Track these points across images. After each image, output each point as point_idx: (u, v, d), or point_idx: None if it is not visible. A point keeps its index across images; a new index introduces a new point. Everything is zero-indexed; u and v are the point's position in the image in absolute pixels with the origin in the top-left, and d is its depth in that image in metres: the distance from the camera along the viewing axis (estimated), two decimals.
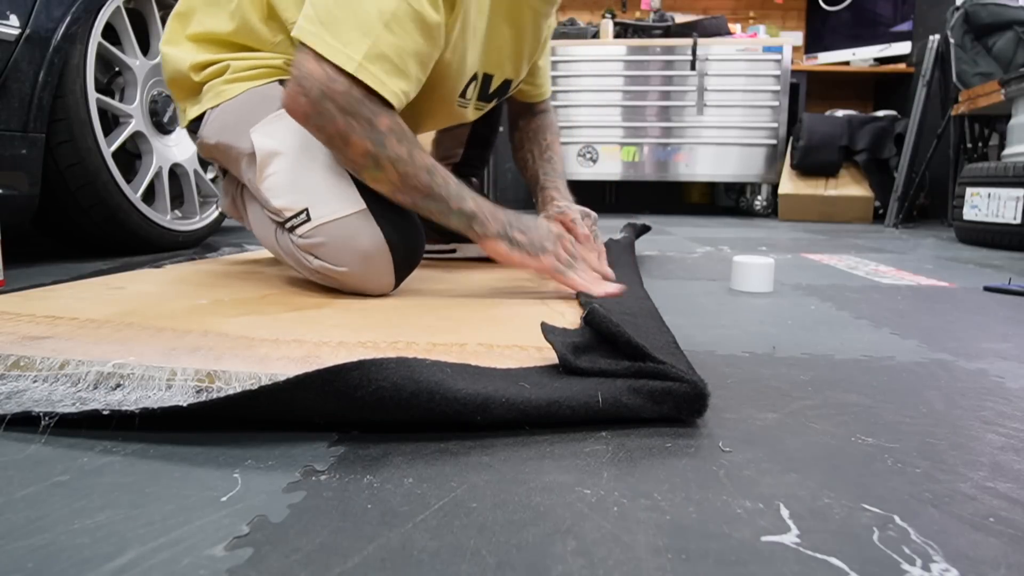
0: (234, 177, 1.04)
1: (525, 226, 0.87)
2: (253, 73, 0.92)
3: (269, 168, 0.86)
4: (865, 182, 3.19)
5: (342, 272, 0.84)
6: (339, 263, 0.83)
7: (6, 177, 1.15)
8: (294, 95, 0.77)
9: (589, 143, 3.47)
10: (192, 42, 0.96)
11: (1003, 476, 0.41)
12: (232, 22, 0.92)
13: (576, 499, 0.37)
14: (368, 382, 0.43)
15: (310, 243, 0.84)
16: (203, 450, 0.43)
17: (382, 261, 0.84)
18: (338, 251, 0.83)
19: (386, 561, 0.31)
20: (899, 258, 1.65)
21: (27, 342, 0.60)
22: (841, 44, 3.83)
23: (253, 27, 0.92)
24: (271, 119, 0.87)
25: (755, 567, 0.31)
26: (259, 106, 0.89)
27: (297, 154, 0.85)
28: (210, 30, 0.94)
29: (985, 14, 2.53)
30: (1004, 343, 0.77)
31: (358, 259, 0.83)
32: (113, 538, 0.33)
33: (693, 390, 0.48)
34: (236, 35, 0.93)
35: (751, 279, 1.08)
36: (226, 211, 1.11)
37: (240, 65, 0.93)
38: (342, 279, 0.85)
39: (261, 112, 0.88)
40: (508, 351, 0.60)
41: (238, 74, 0.92)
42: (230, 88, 0.92)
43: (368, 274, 0.84)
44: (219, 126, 0.92)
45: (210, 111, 0.94)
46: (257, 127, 0.87)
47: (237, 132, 0.90)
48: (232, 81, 0.92)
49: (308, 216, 0.83)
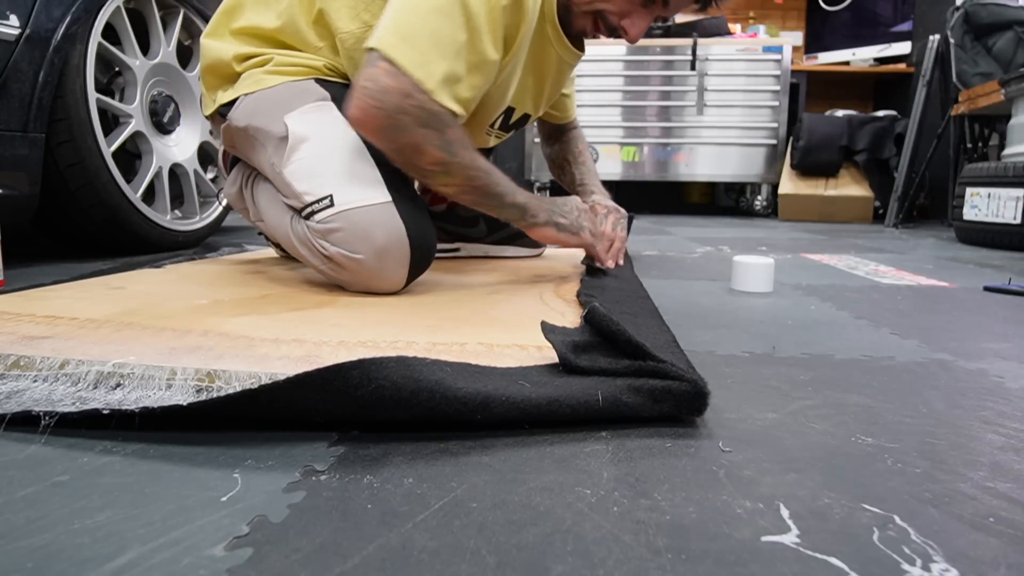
0: (245, 165, 1.05)
1: (563, 211, 0.99)
2: (294, 69, 0.95)
3: (298, 153, 0.88)
4: (865, 182, 3.19)
5: (357, 260, 0.85)
6: (356, 251, 0.85)
7: (6, 177, 1.15)
8: (367, 107, 0.80)
9: (589, 143, 3.45)
10: (235, 35, 0.99)
11: (1003, 476, 0.41)
12: (279, 20, 0.95)
13: (576, 499, 0.37)
14: (368, 381, 0.43)
15: (328, 228, 0.85)
16: (203, 450, 0.43)
17: (399, 254, 0.85)
18: (357, 239, 0.84)
19: (386, 561, 0.31)
20: (899, 258, 1.65)
21: (27, 342, 0.60)
22: (841, 44, 3.83)
23: (299, 28, 0.95)
24: (308, 108, 0.91)
25: (755, 567, 0.31)
26: (296, 96, 0.92)
27: (328, 142, 0.88)
28: (256, 25, 0.97)
29: (985, 14, 2.53)
30: (1004, 343, 0.77)
31: (376, 249, 0.84)
32: (113, 538, 0.33)
33: (693, 389, 0.48)
34: (280, 33, 0.96)
35: (751, 279, 1.08)
36: (230, 200, 1.12)
37: (284, 60, 0.95)
38: (355, 269, 0.86)
39: (297, 102, 0.91)
40: (508, 350, 0.60)
41: (280, 68, 0.95)
42: (270, 78, 0.94)
43: (384, 266, 0.86)
44: (251, 110, 0.94)
45: (244, 97, 0.95)
46: (293, 114, 0.90)
47: (270, 116, 0.92)
48: (273, 73, 0.95)
49: (332, 202, 0.85)
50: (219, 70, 0.99)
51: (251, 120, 0.93)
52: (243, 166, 1.09)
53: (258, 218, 1.06)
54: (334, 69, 0.97)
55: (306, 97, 0.92)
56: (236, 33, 0.99)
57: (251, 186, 1.05)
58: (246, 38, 0.98)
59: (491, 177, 0.89)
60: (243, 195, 1.07)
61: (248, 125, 0.94)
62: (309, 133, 0.89)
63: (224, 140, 1.02)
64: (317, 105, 0.91)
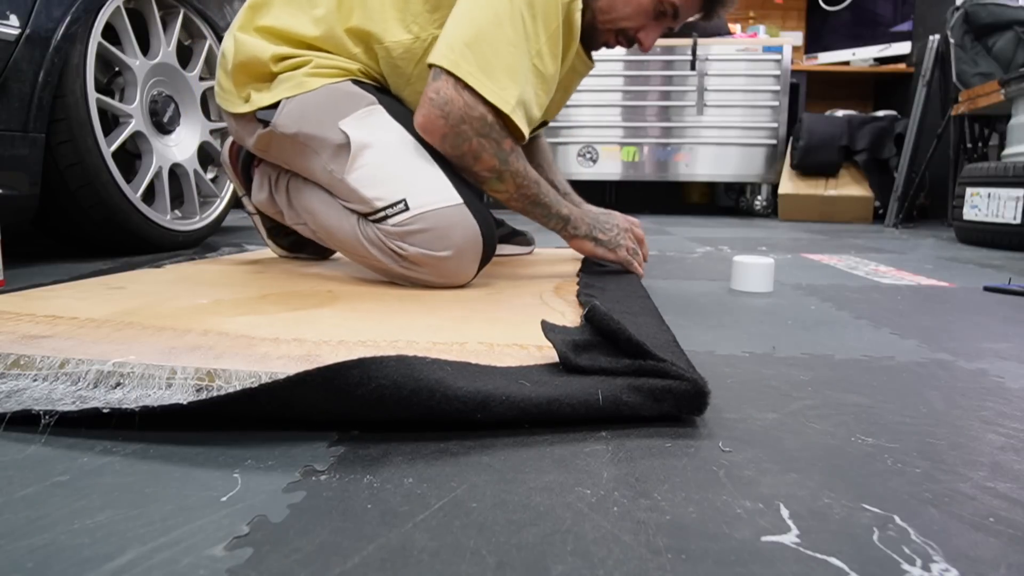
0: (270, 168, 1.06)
1: (604, 227, 1.07)
2: (333, 71, 0.97)
3: (361, 159, 0.91)
4: (865, 182, 3.19)
5: (437, 257, 0.89)
6: (436, 249, 0.89)
7: (6, 177, 1.15)
8: (433, 117, 0.88)
9: (589, 143, 3.47)
10: (265, 34, 0.99)
11: (1003, 476, 0.41)
12: (317, 29, 0.97)
13: (576, 499, 0.37)
14: (368, 380, 0.43)
15: (406, 230, 0.89)
16: (203, 450, 0.43)
17: (474, 251, 0.91)
18: (436, 239, 0.89)
19: (386, 561, 0.31)
20: (899, 258, 1.65)
21: (27, 341, 0.60)
22: (841, 44, 3.83)
23: (336, 35, 0.97)
24: (361, 115, 0.93)
25: (755, 567, 0.31)
26: (343, 101, 0.94)
27: (390, 148, 0.92)
28: (291, 29, 0.97)
29: (985, 14, 2.53)
30: (1004, 343, 0.77)
31: (455, 248, 0.90)
32: (113, 538, 0.33)
33: (693, 388, 0.48)
34: (319, 41, 0.98)
35: (751, 279, 1.08)
36: (260, 206, 1.13)
37: (323, 62, 0.97)
38: (433, 265, 0.90)
39: (346, 107, 0.93)
40: (508, 349, 0.60)
41: (320, 70, 0.96)
42: (310, 81, 0.95)
43: (461, 263, 0.91)
44: (298, 116, 0.94)
45: (286, 101, 0.95)
46: (347, 120, 0.92)
47: (322, 124, 0.93)
48: (313, 75, 0.95)
49: (407, 206, 0.89)
50: (253, 68, 0.98)
51: (301, 127, 0.94)
52: (267, 169, 1.09)
53: (298, 220, 1.06)
54: (367, 72, 0.99)
55: (356, 102, 0.94)
56: (264, 31, 0.98)
57: (285, 189, 1.05)
58: (276, 39, 0.98)
59: (539, 187, 0.97)
60: (274, 199, 1.08)
61: (299, 132, 0.94)
62: (370, 140, 0.91)
63: (258, 145, 1.01)
64: (369, 110, 0.93)
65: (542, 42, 0.90)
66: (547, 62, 0.91)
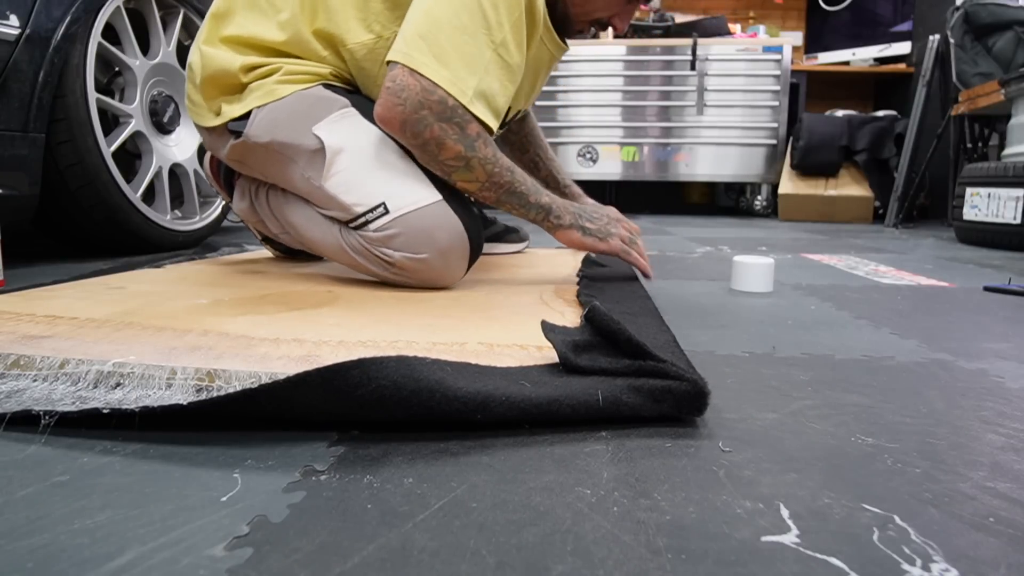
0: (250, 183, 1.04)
1: (591, 216, 1.00)
2: (303, 77, 0.95)
3: (337, 164, 0.89)
4: (865, 182, 3.19)
5: (423, 259, 0.87)
6: (420, 252, 0.87)
7: (6, 177, 1.15)
8: (390, 105, 0.83)
9: (589, 143, 3.47)
10: (232, 44, 0.96)
11: (1003, 476, 0.41)
12: (283, 33, 0.95)
13: (576, 499, 0.37)
14: (368, 380, 0.43)
15: (388, 235, 0.87)
16: (203, 450, 0.43)
17: (461, 250, 0.89)
18: (420, 241, 0.87)
19: (386, 561, 0.31)
20: (899, 258, 1.65)
21: (27, 341, 0.60)
22: (841, 44, 3.83)
23: (303, 39, 0.95)
24: (334, 118, 0.91)
25: (755, 567, 0.31)
26: (315, 106, 0.92)
27: (366, 151, 0.89)
28: (257, 36, 0.95)
29: (985, 14, 2.53)
30: (1004, 343, 0.77)
31: (440, 248, 0.88)
32: (113, 538, 0.33)
33: (693, 388, 0.48)
34: (286, 45, 0.95)
35: (751, 279, 1.08)
36: (242, 215, 1.11)
37: (293, 68, 0.95)
38: (419, 269, 0.89)
39: (319, 112, 0.91)
40: (508, 350, 0.60)
41: (291, 76, 0.94)
42: (281, 88, 0.93)
43: (448, 263, 0.89)
44: (270, 124, 0.93)
45: (257, 110, 0.93)
46: (320, 125, 0.90)
47: (295, 130, 0.91)
48: (284, 82, 0.94)
49: (386, 209, 0.87)
50: (223, 81, 0.96)
51: (274, 135, 0.92)
52: (246, 183, 1.07)
53: (281, 231, 1.05)
54: (338, 76, 0.97)
55: (328, 106, 0.92)
56: (232, 41, 0.96)
57: (265, 199, 1.03)
58: (243, 48, 0.96)
59: (513, 175, 0.90)
60: (255, 209, 1.06)
61: (272, 140, 0.92)
62: (344, 144, 0.89)
63: (231, 155, 0.99)
64: (342, 114, 0.91)
65: (506, 31, 0.85)
66: (512, 51, 0.87)
